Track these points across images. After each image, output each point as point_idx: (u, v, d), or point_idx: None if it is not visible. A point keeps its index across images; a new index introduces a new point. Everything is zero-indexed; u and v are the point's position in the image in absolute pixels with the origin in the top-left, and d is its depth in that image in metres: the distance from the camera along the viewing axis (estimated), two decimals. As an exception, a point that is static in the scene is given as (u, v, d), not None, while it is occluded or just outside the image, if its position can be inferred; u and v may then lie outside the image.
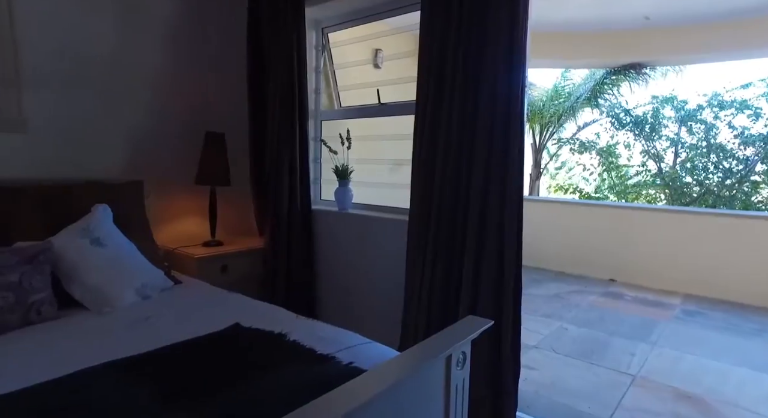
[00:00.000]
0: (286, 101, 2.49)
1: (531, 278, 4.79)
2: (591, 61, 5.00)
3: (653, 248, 4.63)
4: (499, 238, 1.70)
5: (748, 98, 5.95)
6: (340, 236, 2.55)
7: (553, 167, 9.16)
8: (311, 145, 2.79)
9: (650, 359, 2.78)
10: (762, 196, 6.03)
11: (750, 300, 4.10)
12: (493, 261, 1.72)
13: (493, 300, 1.75)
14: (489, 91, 1.70)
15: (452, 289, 1.85)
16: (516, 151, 1.66)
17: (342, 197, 2.55)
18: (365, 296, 2.44)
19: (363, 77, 3.14)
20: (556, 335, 3.18)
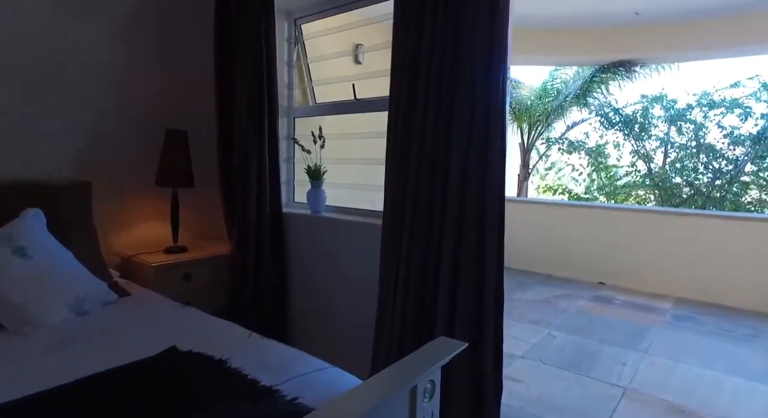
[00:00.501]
0: (255, 97, 2.33)
1: (518, 282, 4.67)
2: (580, 59, 4.90)
3: (643, 251, 4.54)
4: (479, 244, 1.55)
5: (738, 97, 5.91)
6: (312, 241, 2.39)
7: (542, 167, 9.09)
8: (283, 144, 2.63)
9: (641, 369, 2.66)
10: (752, 197, 5.98)
11: (742, 304, 4.02)
12: (472, 269, 1.57)
13: (472, 311, 1.60)
14: (467, 87, 1.56)
15: (428, 299, 1.69)
16: (497, 150, 1.51)
17: (314, 200, 2.38)
18: (339, 306, 2.28)
19: (342, 72, 2.98)
20: (543, 343, 3.05)
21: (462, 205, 1.58)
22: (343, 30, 2.52)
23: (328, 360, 1.22)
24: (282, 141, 2.61)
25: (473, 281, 1.58)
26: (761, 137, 5.67)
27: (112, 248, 2.26)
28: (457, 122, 1.57)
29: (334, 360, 1.20)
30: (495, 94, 1.50)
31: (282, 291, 2.46)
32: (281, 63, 2.56)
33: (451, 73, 1.59)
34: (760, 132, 5.67)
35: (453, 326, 1.62)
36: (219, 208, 2.55)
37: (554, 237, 5.07)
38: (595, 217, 4.96)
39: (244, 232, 2.36)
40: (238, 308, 2.38)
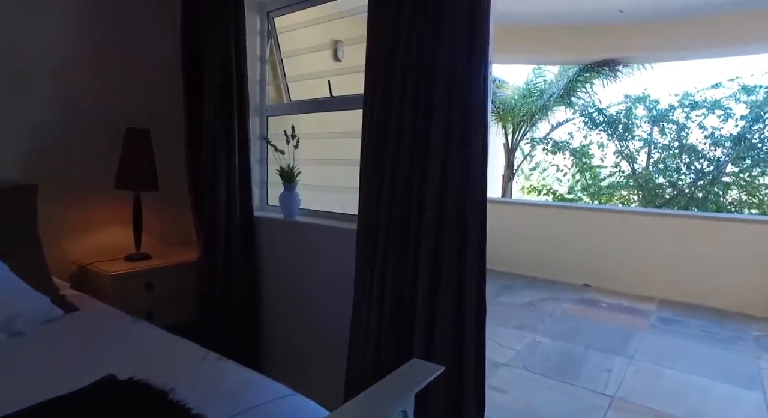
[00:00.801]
0: (223, 94, 2.19)
1: (503, 285, 4.60)
2: (564, 57, 4.86)
3: (627, 252, 4.51)
4: (460, 248, 1.45)
5: (719, 98, 5.95)
6: (285, 247, 2.26)
7: (527, 168, 9.08)
8: (256, 144, 2.49)
9: (628, 376, 2.60)
10: (732, 197, 6.04)
11: (725, 305, 4.02)
12: (452, 276, 1.46)
13: (453, 320, 1.49)
14: (446, 84, 1.45)
15: (405, 310, 1.58)
16: (478, 150, 1.41)
17: (287, 203, 2.25)
18: (313, 316, 2.15)
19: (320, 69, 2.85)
20: (528, 349, 2.97)
21: (441, 208, 1.47)
22: (319, 23, 2.40)
23: (301, 377, 1.09)
24: (255, 141, 2.48)
25: (454, 289, 1.47)
26: (741, 138, 5.72)
27: (67, 257, 2.09)
28: (436, 121, 1.46)
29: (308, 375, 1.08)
30: (476, 92, 1.40)
31: (254, 300, 2.32)
32: (253, 58, 2.42)
33: (429, 70, 1.49)
34: (740, 133, 5.72)
35: (432, 336, 1.51)
36: (187, 212, 2.40)
37: (539, 239, 5.02)
38: (579, 218, 4.93)
39: (213, 237, 2.22)
40: (207, 318, 2.24)
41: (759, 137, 5.69)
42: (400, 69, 1.54)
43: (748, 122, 5.69)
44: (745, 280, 3.98)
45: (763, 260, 3.90)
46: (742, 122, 5.75)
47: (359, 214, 1.69)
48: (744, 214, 5.82)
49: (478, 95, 1.40)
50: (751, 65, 8.36)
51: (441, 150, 1.44)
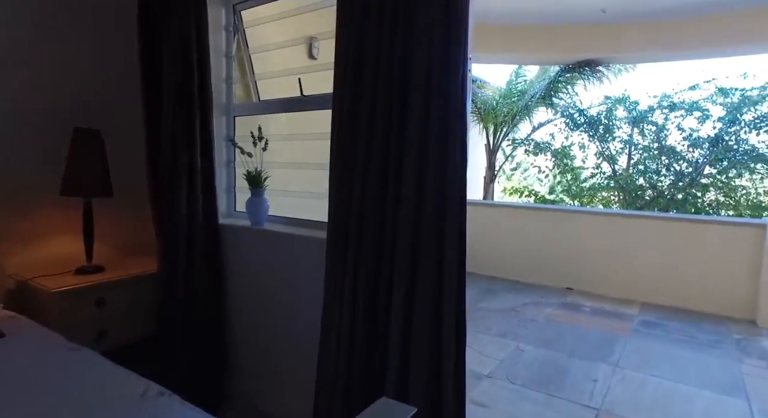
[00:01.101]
0: (184, 93, 2.03)
1: (485, 289, 4.53)
2: (545, 57, 4.81)
3: (609, 254, 4.49)
4: (438, 256, 1.33)
5: (696, 100, 6.01)
6: (252, 257, 2.11)
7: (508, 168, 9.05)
8: (222, 146, 2.34)
9: (613, 386, 2.53)
10: (710, 198, 6.10)
11: (704, 307, 4.02)
12: (429, 287, 1.34)
13: (430, 334, 1.37)
14: (421, 82, 1.34)
15: (380, 325, 1.45)
16: (457, 153, 1.29)
17: (254, 210, 2.10)
18: (283, 333, 2.00)
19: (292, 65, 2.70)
20: (511, 359, 2.88)
21: (418, 214, 1.35)
22: (290, 16, 2.25)
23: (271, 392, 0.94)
24: (221, 142, 2.33)
25: (431, 301, 1.36)
26: (718, 140, 5.79)
27: (4, 270, 1.90)
28: (411, 122, 1.35)
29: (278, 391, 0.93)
30: (454, 91, 1.29)
31: (219, 314, 2.16)
32: (218, 54, 2.27)
33: (402, 67, 1.37)
34: (717, 135, 5.79)
35: (408, 354, 1.39)
36: (147, 219, 2.22)
37: (521, 242, 4.97)
38: (561, 220, 4.89)
39: (173, 247, 2.06)
40: (167, 334, 2.07)
41: (735, 139, 5.77)
42: (370, 66, 1.41)
43: (725, 124, 5.76)
44: (725, 282, 3.98)
45: (742, 262, 3.91)
46: (719, 124, 5.82)
47: (329, 222, 1.56)
48: (722, 216, 5.89)
49: (457, 94, 1.29)
50: (726, 67, 8.54)
51: (416, 152, 1.33)
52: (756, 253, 3.84)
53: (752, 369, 2.87)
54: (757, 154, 5.72)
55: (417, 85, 1.33)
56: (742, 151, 5.81)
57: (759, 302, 3.78)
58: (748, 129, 5.67)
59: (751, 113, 5.63)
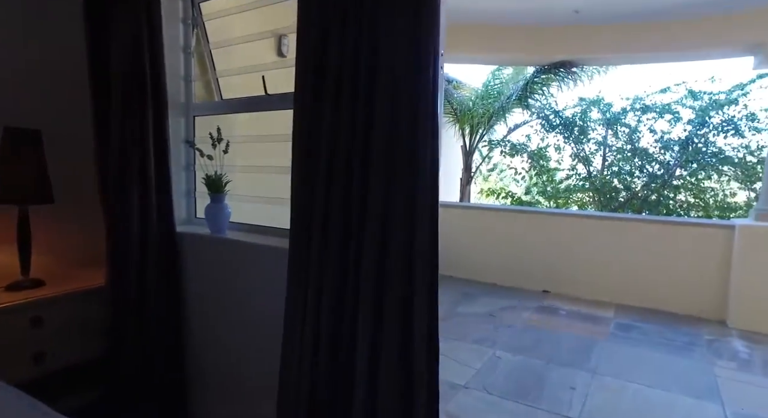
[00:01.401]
0: (135, 91, 1.87)
1: (462, 293, 4.47)
2: (521, 58, 4.81)
3: (585, 257, 4.50)
4: (408, 271, 1.23)
5: (667, 102, 6.14)
6: (212, 268, 1.97)
7: (485, 169, 9.07)
8: (181, 148, 2.18)
9: (592, 394, 2.49)
10: (681, 200, 6.24)
11: (677, 308, 4.07)
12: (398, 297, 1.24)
13: (400, 353, 1.26)
14: (388, 83, 1.24)
15: (345, 340, 1.34)
16: (427, 156, 1.20)
17: (215, 216, 1.96)
18: (246, 351, 1.87)
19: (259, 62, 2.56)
20: (488, 367, 2.82)
21: (386, 221, 1.25)
22: (253, 8, 2.11)
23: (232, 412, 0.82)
24: (181, 144, 2.17)
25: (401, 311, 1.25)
26: (688, 142, 5.93)
27: None
28: (378, 122, 1.25)
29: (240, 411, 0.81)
30: (425, 94, 1.20)
31: (177, 331, 2.01)
32: (175, 49, 2.12)
33: (368, 65, 1.27)
34: (687, 137, 5.92)
35: (377, 369, 1.28)
36: (95, 228, 2.04)
37: (498, 244, 4.94)
38: (538, 222, 4.89)
39: (124, 258, 1.89)
40: (119, 357, 1.90)
41: (704, 142, 5.91)
42: (334, 63, 1.31)
43: (694, 127, 5.90)
44: (696, 283, 4.05)
45: (712, 264, 3.97)
46: (689, 127, 5.95)
47: (291, 230, 1.44)
48: (692, 217, 6.03)
49: (427, 94, 1.20)
50: (696, 71, 8.80)
51: (384, 156, 1.23)
52: (725, 254, 3.91)
53: (724, 372, 2.89)
54: (724, 156, 5.88)
55: (384, 85, 1.23)
56: (710, 153, 5.97)
57: (728, 303, 3.85)
58: (716, 132, 5.82)
59: (719, 116, 5.79)
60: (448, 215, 5.38)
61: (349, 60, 1.29)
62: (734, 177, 6.01)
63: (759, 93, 5.65)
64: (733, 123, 5.70)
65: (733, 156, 5.85)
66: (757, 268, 3.70)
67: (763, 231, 3.73)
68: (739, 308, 3.77)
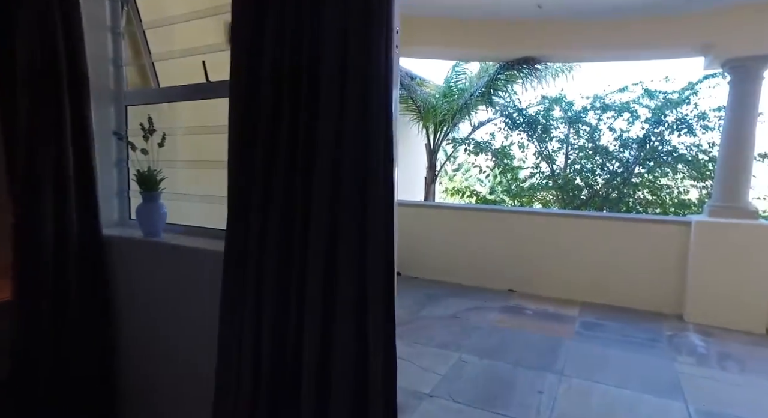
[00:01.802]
0: (46, 76, 1.63)
1: (426, 295, 4.38)
2: (484, 53, 4.78)
3: (549, 255, 4.52)
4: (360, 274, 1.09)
5: (626, 101, 6.31)
6: (145, 275, 1.76)
7: (450, 169, 9.07)
8: (111, 142, 1.96)
9: (559, 397, 2.44)
10: (640, 197, 6.43)
11: (638, 304, 4.14)
12: (350, 302, 1.10)
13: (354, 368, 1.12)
14: (334, 73, 1.11)
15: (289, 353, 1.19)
16: (381, 152, 1.07)
17: (148, 217, 1.75)
18: (181, 364, 1.67)
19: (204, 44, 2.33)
20: (454, 373, 2.72)
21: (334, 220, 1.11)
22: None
23: None
24: (110, 137, 1.95)
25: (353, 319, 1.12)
26: (646, 141, 6.11)
27: None
28: (324, 113, 1.10)
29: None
30: (378, 87, 1.06)
31: (103, 347, 1.78)
32: (100, 28, 1.89)
33: (312, 53, 1.12)
34: (645, 135, 6.10)
35: (327, 385, 1.13)
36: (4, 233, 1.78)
37: (463, 244, 4.89)
38: (502, 221, 4.87)
39: (35, 267, 1.65)
40: (26, 378, 1.66)
41: (660, 140, 6.11)
42: (272, 49, 1.15)
43: (651, 125, 6.08)
44: (655, 279, 4.13)
45: (670, 259, 4.06)
46: (647, 125, 6.13)
47: (227, 230, 1.27)
48: (650, 213, 6.21)
49: (380, 85, 1.07)
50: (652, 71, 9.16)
51: (330, 151, 1.08)
52: (682, 250, 4.01)
53: (685, 367, 2.93)
54: (678, 154, 6.10)
55: (330, 75, 1.09)
56: (665, 151, 6.17)
57: (685, 298, 3.94)
58: (671, 130, 6.03)
59: (673, 115, 5.99)
60: (412, 215, 5.29)
61: (290, 41, 1.14)
62: (688, 175, 6.24)
63: (708, 92, 5.90)
64: (686, 122, 5.91)
65: (686, 154, 6.07)
66: (712, 262, 3.81)
67: (716, 226, 3.84)
68: (695, 303, 3.87)
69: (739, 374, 2.87)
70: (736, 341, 3.44)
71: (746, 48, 3.75)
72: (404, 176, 7.07)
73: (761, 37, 3.70)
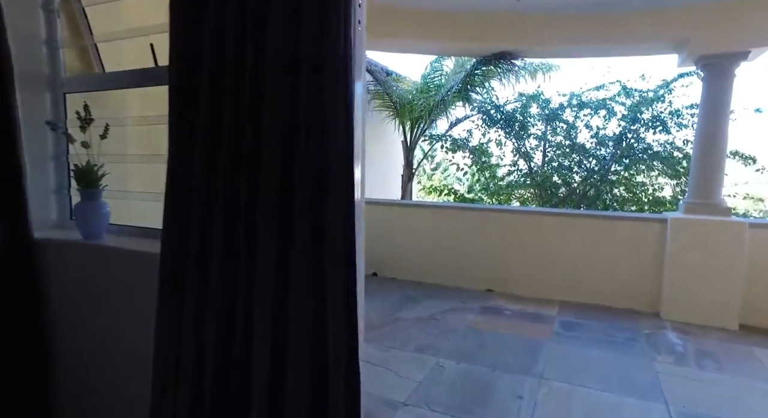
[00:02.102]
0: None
1: (404, 296, 4.27)
2: (460, 46, 4.68)
3: (528, 253, 4.47)
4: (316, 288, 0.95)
5: (602, 98, 6.34)
6: (83, 282, 1.57)
7: (428, 168, 8.98)
8: (47, 133, 1.76)
9: (540, 402, 2.36)
10: (617, 195, 6.48)
11: (616, 302, 4.13)
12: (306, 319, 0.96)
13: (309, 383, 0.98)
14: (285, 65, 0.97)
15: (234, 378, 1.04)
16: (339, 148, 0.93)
17: (87, 218, 1.57)
18: (122, 382, 1.50)
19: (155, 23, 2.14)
20: (431, 379, 2.61)
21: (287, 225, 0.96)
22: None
23: None
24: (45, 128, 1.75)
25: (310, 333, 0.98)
26: (622, 138, 6.15)
27: None
28: (272, 106, 0.96)
29: None
30: (333, 55, 0.93)
31: (36, 364, 1.58)
32: (30, 5, 1.69)
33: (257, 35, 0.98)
34: (621, 133, 6.14)
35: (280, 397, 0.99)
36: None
37: (441, 243, 4.80)
38: (480, 219, 4.80)
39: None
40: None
41: (636, 138, 6.16)
42: (212, 29, 1.00)
43: (627, 123, 6.13)
44: (633, 277, 4.12)
45: (647, 257, 4.06)
46: (623, 123, 6.17)
47: (163, 234, 1.12)
48: (627, 211, 6.25)
49: (337, 60, 0.94)
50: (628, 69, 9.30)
51: (279, 146, 0.94)
52: (659, 247, 4.01)
53: (665, 367, 2.89)
54: (653, 152, 6.16)
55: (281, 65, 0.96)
56: (641, 149, 6.23)
57: (662, 295, 3.94)
58: (646, 128, 6.08)
59: (648, 113, 6.05)
60: (388, 214, 5.17)
61: (233, 24, 0.99)
62: (663, 172, 6.31)
63: (682, 91, 5.98)
64: (661, 119, 5.97)
65: (661, 151, 6.14)
66: (687, 259, 3.82)
67: (691, 223, 3.86)
68: (671, 300, 3.88)
69: (717, 373, 2.86)
70: (712, 338, 3.44)
71: (720, 45, 3.77)
72: (380, 174, 6.96)
73: (734, 34, 3.72)
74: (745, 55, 3.77)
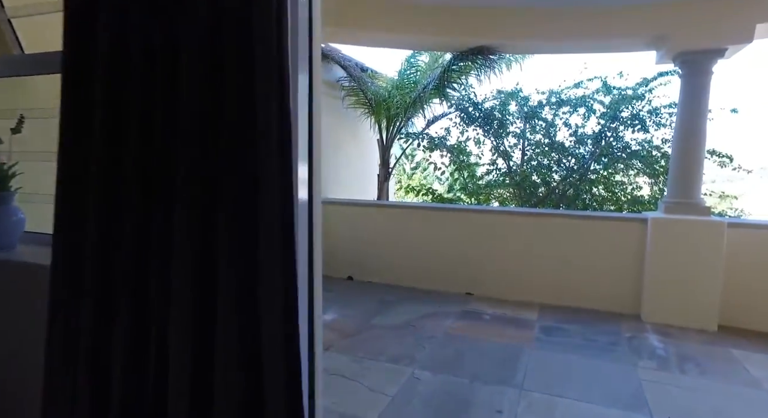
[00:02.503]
0: None
1: (380, 301, 4.11)
2: (436, 41, 4.54)
3: (507, 255, 4.37)
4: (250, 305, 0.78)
5: (581, 96, 6.30)
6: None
7: (408, 167, 8.82)
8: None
9: (520, 416, 2.22)
10: (596, 194, 6.45)
11: (597, 305, 4.07)
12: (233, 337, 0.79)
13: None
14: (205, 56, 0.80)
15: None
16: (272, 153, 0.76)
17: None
18: None
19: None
20: (405, 392, 2.45)
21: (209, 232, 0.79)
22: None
23: None
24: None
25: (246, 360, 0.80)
26: (601, 137, 6.12)
27: None
28: (186, 99, 0.78)
29: None
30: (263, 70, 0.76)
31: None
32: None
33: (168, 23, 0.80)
34: (600, 131, 6.12)
35: None
36: None
37: (418, 245, 4.66)
38: (459, 220, 4.67)
39: None
40: None
41: (615, 136, 6.15)
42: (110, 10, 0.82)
43: (606, 121, 6.10)
44: (613, 278, 4.07)
45: (627, 258, 4.01)
46: (602, 121, 6.15)
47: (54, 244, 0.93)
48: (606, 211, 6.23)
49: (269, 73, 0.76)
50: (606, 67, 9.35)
51: (196, 147, 0.76)
52: (639, 248, 3.96)
53: (647, 373, 2.82)
54: (632, 151, 6.16)
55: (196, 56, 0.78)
56: (619, 147, 6.22)
57: (642, 297, 3.89)
58: (625, 127, 6.07)
59: (627, 111, 6.03)
60: (363, 215, 5.00)
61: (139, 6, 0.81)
62: (641, 171, 6.31)
63: (661, 90, 5.99)
64: (639, 118, 5.96)
65: (640, 150, 6.14)
66: (666, 260, 3.77)
67: (671, 223, 3.81)
68: (651, 302, 3.83)
69: (699, 378, 2.79)
70: (693, 341, 3.40)
71: (698, 41, 3.74)
72: (355, 174, 6.75)
73: (712, 31, 3.69)
74: (722, 53, 3.75)
